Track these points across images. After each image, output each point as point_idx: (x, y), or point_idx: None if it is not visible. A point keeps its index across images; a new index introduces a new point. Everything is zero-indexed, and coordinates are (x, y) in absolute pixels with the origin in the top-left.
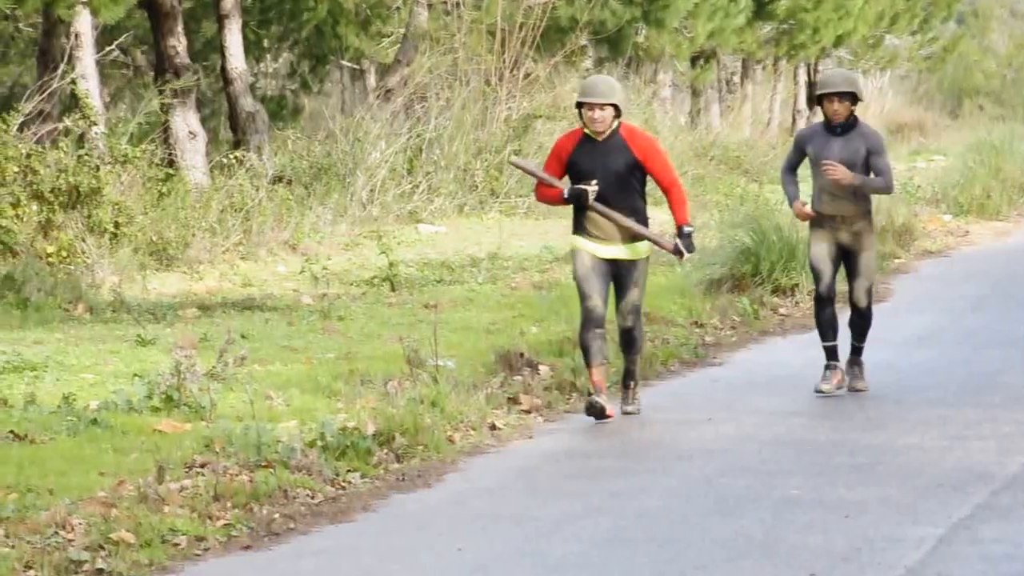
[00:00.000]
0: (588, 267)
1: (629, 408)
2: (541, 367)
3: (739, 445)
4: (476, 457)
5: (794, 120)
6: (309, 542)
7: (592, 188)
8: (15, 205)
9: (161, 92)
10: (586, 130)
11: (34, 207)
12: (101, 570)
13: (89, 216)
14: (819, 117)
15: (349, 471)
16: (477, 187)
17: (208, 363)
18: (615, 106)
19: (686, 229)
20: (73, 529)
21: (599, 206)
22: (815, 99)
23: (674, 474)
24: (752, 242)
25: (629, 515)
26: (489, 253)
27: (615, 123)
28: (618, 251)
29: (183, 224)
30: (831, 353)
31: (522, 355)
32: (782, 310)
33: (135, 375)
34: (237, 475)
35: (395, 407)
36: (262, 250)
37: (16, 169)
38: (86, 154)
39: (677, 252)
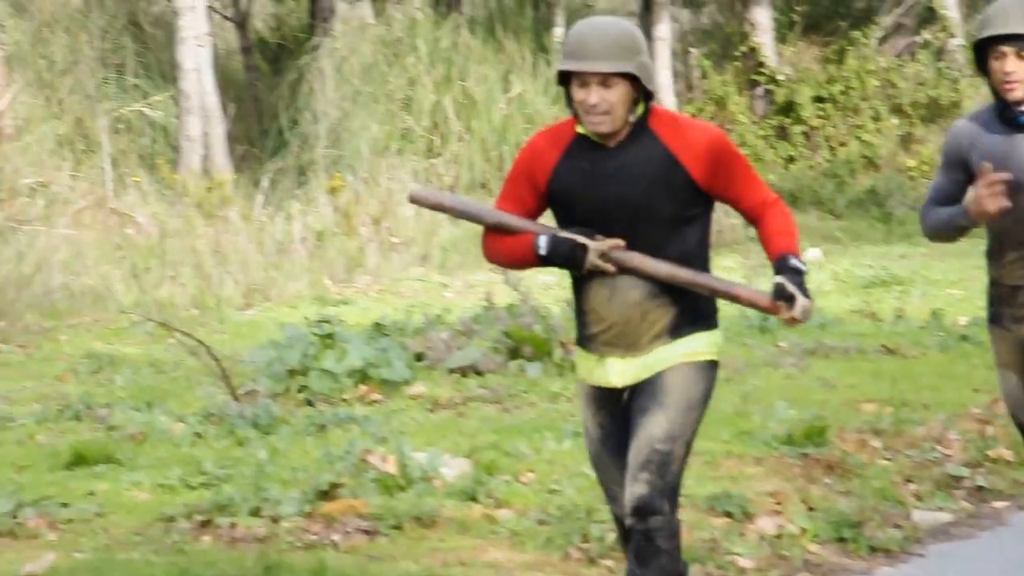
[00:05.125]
0: (598, 443)
1: None
2: None
3: None
4: None
5: None
6: None
7: (601, 244)
8: (876, 119)
9: None
10: (580, 128)
11: (894, 121)
12: (981, 487)
13: None
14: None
15: None
16: None
17: None
18: (632, 77)
19: (792, 260)
20: (950, 444)
21: (622, 254)
22: (976, 58)
23: None
24: None
25: None
26: None
27: (638, 110)
28: (644, 366)
29: None
30: None
31: None
32: None
33: None
34: None
35: None
36: None
37: (876, 83)
38: (945, 67)
39: (782, 298)
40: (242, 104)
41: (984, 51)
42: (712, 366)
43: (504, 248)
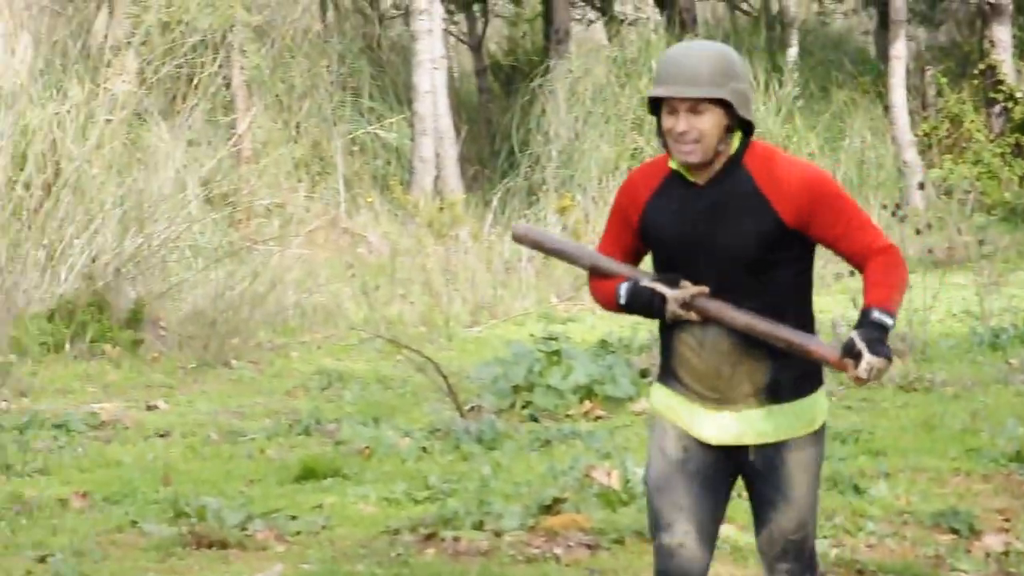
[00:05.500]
0: (674, 464)
1: None
2: None
3: None
4: None
5: None
6: None
7: (681, 292)
8: None
9: None
10: (672, 163)
11: None
12: None
13: None
14: None
15: None
16: None
17: None
18: (726, 104)
19: (875, 314)
20: None
21: (703, 302)
22: None
23: None
24: None
25: None
26: None
27: (733, 142)
28: (744, 425)
29: None
30: None
31: None
32: None
33: None
34: None
35: None
36: None
37: None
38: None
39: (849, 355)
40: (474, 126)
41: None
42: (823, 429)
43: (597, 292)
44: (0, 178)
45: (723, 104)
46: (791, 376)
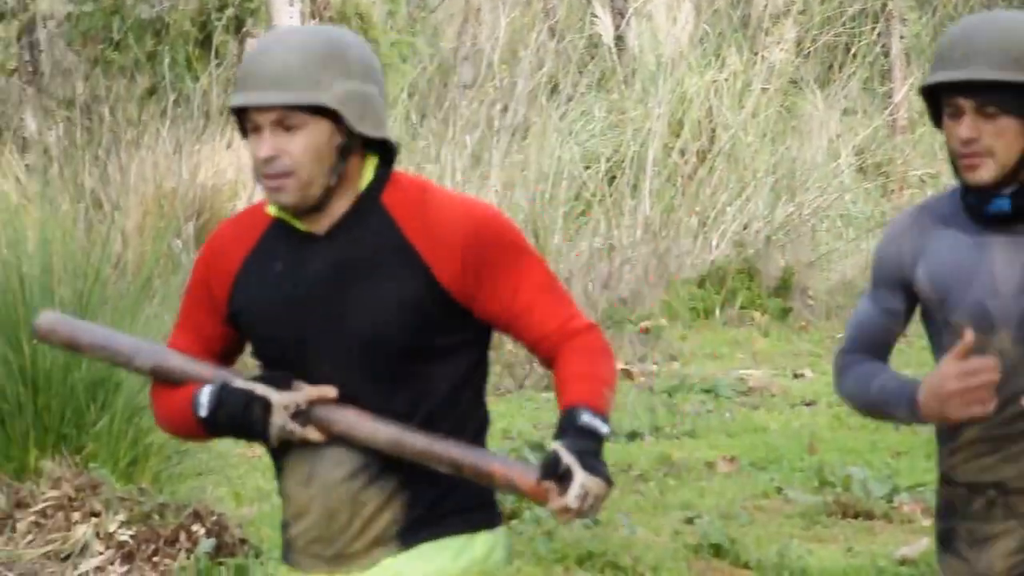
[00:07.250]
0: None
1: None
2: None
3: None
4: None
5: None
6: None
7: (292, 396)
8: None
9: None
10: (272, 208)
11: None
12: None
13: None
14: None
15: None
16: None
17: None
18: (333, 114)
19: (584, 417)
20: None
21: (328, 411)
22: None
23: None
24: None
25: None
26: None
27: (364, 173)
28: None
29: None
30: None
31: None
32: None
33: None
34: None
35: None
36: None
37: None
38: None
39: (551, 476)
40: None
41: (937, 101)
42: None
43: (163, 407)
44: (656, 144)
45: (330, 115)
46: (438, 512)
